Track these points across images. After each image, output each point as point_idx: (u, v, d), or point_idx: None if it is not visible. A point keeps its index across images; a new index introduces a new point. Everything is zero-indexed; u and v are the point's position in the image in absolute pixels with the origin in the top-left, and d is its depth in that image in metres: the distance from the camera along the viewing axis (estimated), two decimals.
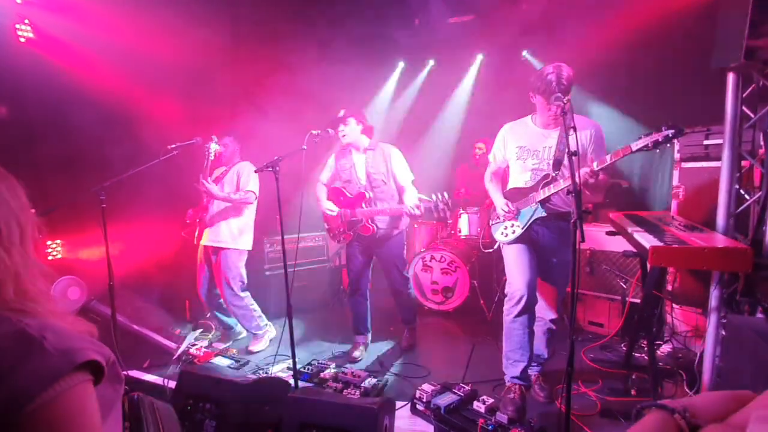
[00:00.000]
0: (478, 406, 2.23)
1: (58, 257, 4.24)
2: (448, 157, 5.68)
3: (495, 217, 2.65)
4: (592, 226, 3.54)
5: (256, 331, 3.47)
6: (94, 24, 3.86)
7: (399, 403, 2.43)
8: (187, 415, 2.12)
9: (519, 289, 2.41)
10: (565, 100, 1.97)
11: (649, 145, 1.94)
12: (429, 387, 2.42)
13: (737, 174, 2.27)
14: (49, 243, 4.20)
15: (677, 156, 3.07)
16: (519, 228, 2.48)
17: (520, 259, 2.47)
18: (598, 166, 2.11)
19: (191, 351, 3.20)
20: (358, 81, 5.13)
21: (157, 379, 2.90)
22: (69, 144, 3.90)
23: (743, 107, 2.24)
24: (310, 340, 3.63)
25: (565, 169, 2.32)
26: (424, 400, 2.37)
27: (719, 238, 2.14)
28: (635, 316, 2.91)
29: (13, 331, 0.67)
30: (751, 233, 2.25)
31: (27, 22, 3.82)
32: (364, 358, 3.24)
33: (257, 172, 2.98)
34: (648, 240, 2.03)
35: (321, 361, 3.00)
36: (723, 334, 2.20)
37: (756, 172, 2.41)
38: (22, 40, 3.81)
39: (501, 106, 4.22)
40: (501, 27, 4.74)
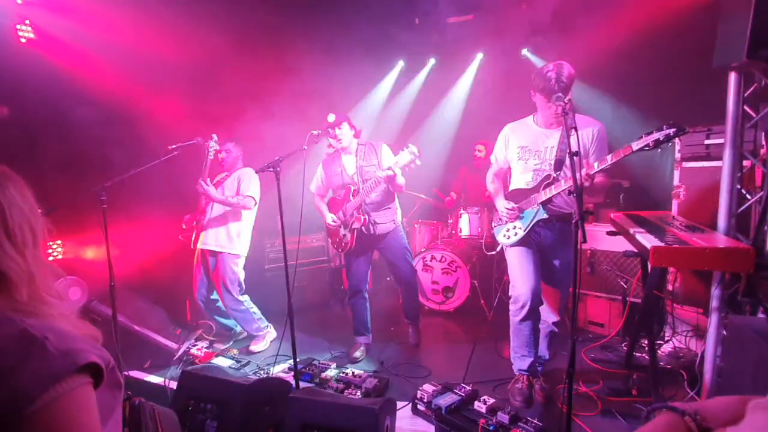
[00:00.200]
0: (479, 406, 2.23)
1: (58, 257, 4.24)
2: (448, 158, 5.67)
3: (497, 219, 2.64)
4: (593, 226, 3.54)
5: (256, 333, 3.48)
6: (95, 24, 3.86)
7: (400, 404, 2.43)
8: (189, 415, 2.13)
9: (523, 293, 2.43)
10: (566, 99, 1.95)
11: (650, 144, 1.92)
12: (430, 387, 2.42)
13: (739, 174, 2.26)
14: (49, 243, 4.21)
15: (678, 155, 3.05)
16: (521, 230, 2.47)
17: (524, 263, 2.47)
18: (598, 166, 2.09)
19: (192, 351, 3.20)
20: (360, 81, 5.13)
21: (158, 380, 2.90)
22: (70, 144, 3.90)
23: (745, 107, 2.23)
24: (311, 341, 3.63)
25: (567, 169, 2.30)
26: (425, 401, 2.37)
27: (720, 239, 2.13)
28: (636, 316, 2.91)
29: (16, 331, 0.67)
30: (752, 233, 2.25)
31: (28, 22, 3.82)
32: (364, 359, 3.25)
33: (258, 173, 2.99)
34: (649, 240, 2.02)
35: (322, 361, 3.00)
36: (724, 334, 2.20)
37: (758, 172, 2.40)
38: (22, 40, 3.80)
39: (502, 106, 4.20)
40: (502, 26, 4.73)
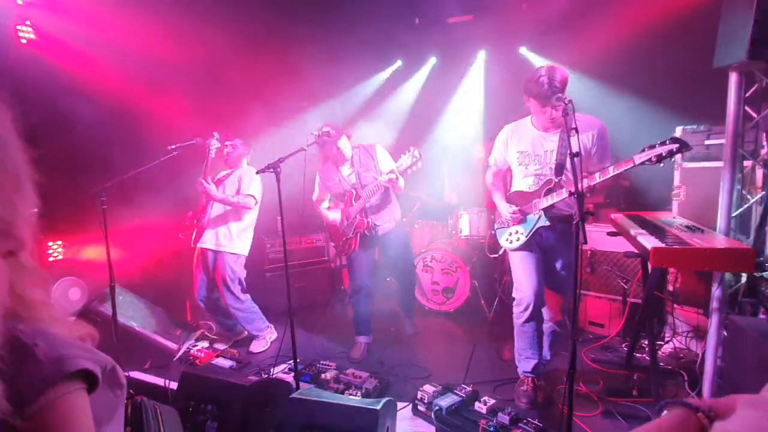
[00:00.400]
0: (480, 407, 2.23)
1: (58, 258, 4.24)
2: (448, 158, 5.66)
3: (500, 222, 2.62)
4: (594, 227, 3.53)
5: (257, 332, 3.47)
6: (96, 25, 3.86)
7: (400, 404, 2.43)
8: (189, 416, 2.13)
9: (526, 296, 2.44)
10: (566, 100, 1.92)
11: (653, 159, 1.93)
12: (430, 388, 2.42)
13: (739, 174, 2.26)
14: (50, 244, 4.21)
15: (678, 156, 3.05)
16: (523, 236, 2.47)
17: (526, 265, 2.47)
18: (600, 177, 2.09)
19: (192, 352, 3.20)
20: (360, 81, 5.12)
21: (159, 381, 2.90)
22: (70, 144, 3.90)
23: (746, 107, 2.23)
24: (311, 341, 3.63)
25: (568, 172, 2.29)
26: (426, 401, 2.37)
27: (721, 239, 2.13)
28: (636, 317, 2.91)
29: (7, 339, 0.66)
30: (753, 234, 2.25)
31: (28, 23, 3.83)
32: (365, 359, 3.24)
33: (258, 173, 2.98)
34: (649, 241, 2.02)
35: (322, 362, 3.00)
36: (725, 334, 2.19)
37: (758, 173, 2.40)
38: (23, 41, 3.81)
39: (502, 107, 4.21)
40: (502, 26, 4.73)
